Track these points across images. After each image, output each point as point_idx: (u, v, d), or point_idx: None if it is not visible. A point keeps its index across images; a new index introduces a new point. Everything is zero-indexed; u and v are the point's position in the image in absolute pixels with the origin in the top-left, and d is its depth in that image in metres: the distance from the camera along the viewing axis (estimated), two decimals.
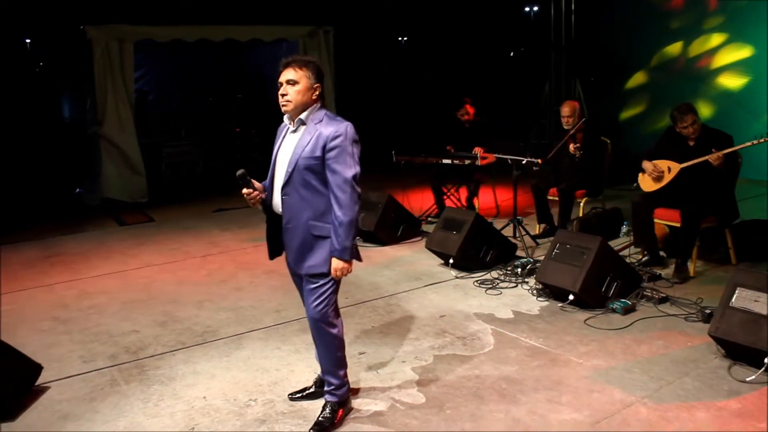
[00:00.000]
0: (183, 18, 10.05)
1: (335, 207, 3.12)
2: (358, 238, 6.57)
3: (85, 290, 5.74)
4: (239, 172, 3.24)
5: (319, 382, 3.62)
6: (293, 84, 3.17)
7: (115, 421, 3.51)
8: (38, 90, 12.76)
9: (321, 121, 3.19)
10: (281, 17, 10.90)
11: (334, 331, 3.34)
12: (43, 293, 5.69)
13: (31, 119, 11.74)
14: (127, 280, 5.98)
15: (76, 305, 5.35)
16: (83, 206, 9.52)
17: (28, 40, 13.54)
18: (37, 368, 3.91)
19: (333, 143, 3.11)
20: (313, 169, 3.15)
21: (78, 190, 10.29)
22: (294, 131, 3.27)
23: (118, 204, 9.35)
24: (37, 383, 3.88)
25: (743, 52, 9.50)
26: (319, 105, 3.26)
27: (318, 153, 3.13)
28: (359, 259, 3.40)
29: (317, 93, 3.22)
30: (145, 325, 4.86)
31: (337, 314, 3.38)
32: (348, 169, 3.12)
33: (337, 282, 3.32)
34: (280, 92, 3.19)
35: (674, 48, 10.39)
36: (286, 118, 3.31)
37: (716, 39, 9.81)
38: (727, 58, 9.68)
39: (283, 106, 3.21)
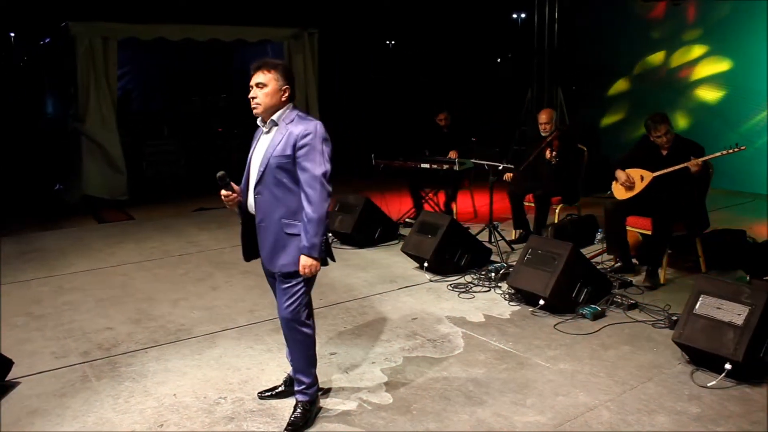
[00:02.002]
0: (167, 17, 10.06)
1: (305, 204, 3.18)
2: (334, 239, 6.57)
3: (61, 287, 5.74)
4: (219, 173, 3.29)
5: (289, 381, 3.66)
6: (262, 87, 3.24)
7: (85, 417, 3.53)
8: (21, 84, 12.72)
9: (292, 121, 3.26)
10: (266, 18, 10.94)
11: (306, 330, 3.38)
12: (18, 289, 5.68)
13: (13, 114, 11.69)
14: (103, 278, 5.99)
15: (51, 301, 5.36)
16: (63, 203, 9.50)
17: (12, 34, 13.48)
18: (8, 363, 3.92)
19: (303, 141, 3.18)
20: (285, 168, 3.21)
21: (58, 186, 10.25)
22: (267, 132, 3.34)
23: (98, 201, 9.34)
24: (7, 378, 3.89)
25: (722, 64, 9.67)
26: (291, 106, 3.32)
27: (289, 152, 3.19)
28: (332, 259, 3.45)
29: (286, 95, 3.28)
30: (120, 322, 4.88)
31: (310, 314, 3.42)
32: (318, 166, 3.17)
33: (309, 282, 3.37)
34: (250, 95, 3.26)
35: (655, 58, 10.54)
36: (259, 120, 3.37)
37: (696, 50, 9.98)
38: (707, 70, 9.85)
39: (254, 108, 3.28)
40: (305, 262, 3.21)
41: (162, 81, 13.30)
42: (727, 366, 3.69)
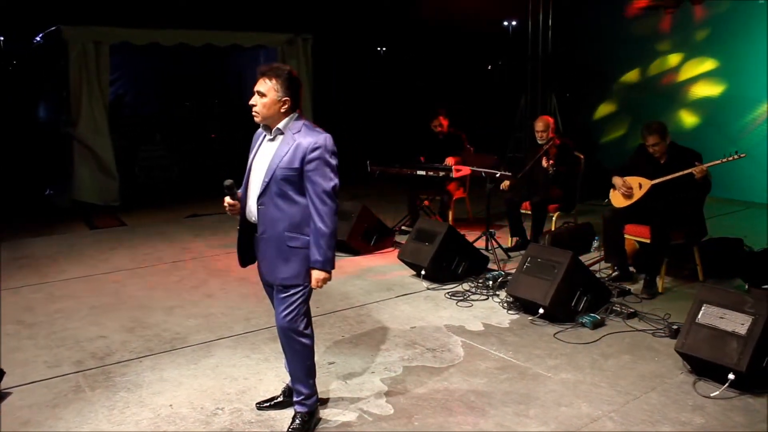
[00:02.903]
0: (161, 21, 9.99)
1: (316, 219, 3.13)
2: None
3: (53, 294, 5.65)
4: (227, 182, 3.23)
5: (288, 392, 3.60)
6: (262, 96, 3.17)
7: (78, 428, 3.45)
8: (11, 88, 12.59)
9: (299, 131, 3.18)
10: (261, 24, 10.89)
11: (304, 340, 3.32)
12: (9, 296, 5.58)
13: (3, 118, 11.57)
14: (96, 285, 5.90)
15: (43, 309, 5.27)
16: (53, 208, 9.39)
17: (2, 38, 13.37)
18: None
19: (312, 155, 3.11)
20: (291, 180, 3.15)
21: (48, 191, 10.13)
22: (271, 140, 3.26)
23: (90, 207, 9.24)
24: None
25: (719, 77, 9.66)
26: (296, 115, 3.24)
27: (296, 164, 3.12)
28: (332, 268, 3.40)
29: (286, 106, 3.19)
30: (113, 330, 4.79)
31: (308, 324, 3.36)
32: (327, 180, 3.13)
33: (308, 291, 3.31)
34: (250, 102, 3.20)
35: (649, 65, 10.54)
36: (263, 126, 3.30)
37: (692, 60, 9.97)
38: (702, 80, 9.85)
39: (253, 116, 3.23)
40: (319, 276, 3.19)
41: (154, 85, 13.21)
42: (731, 376, 3.66)
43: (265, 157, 3.23)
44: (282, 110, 3.19)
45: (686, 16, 9.94)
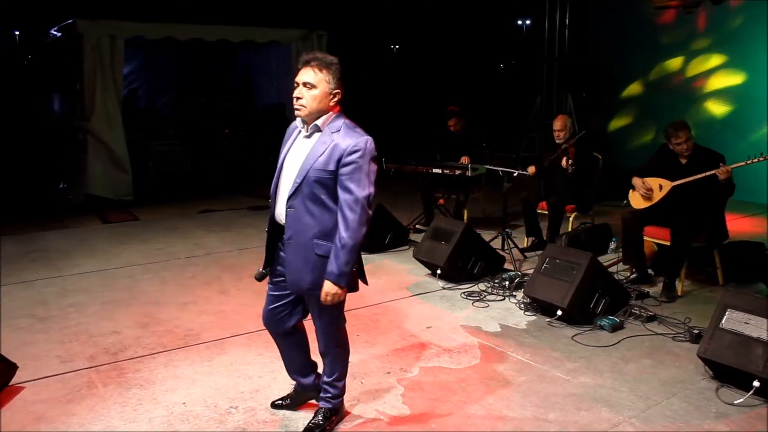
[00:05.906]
0: (176, 16, 9.98)
1: (341, 227, 2.86)
2: None
3: (66, 288, 5.62)
4: (259, 272, 3.21)
5: (295, 395, 3.56)
6: (310, 88, 2.91)
7: (91, 425, 3.41)
8: (26, 83, 12.60)
9: (338, 130, 2.93)
10: (275, 20, 10.85)
11: (342, 347, 3.29)
12: (22, 289, 5.57)
13: (17, 112, 11.58)
14: (109, 279, 5.87)
15: (56, 303, 5.24)
16: (66, 202, 9.39)
17: (17, 32, 13.38)
18: (13, 367, 3.81)
19: (349, 158, 2.86)
20: (324, 183, 2.90)
21: (62, 185, 10.14)
22: (307, 136, 3.02)
23: (103, 201, 9.24)
24: (11, 383, 3.78)
25: (736, 77, 9.54)
26: (338, 111, 3.01)
27: (332, 167, 2.88)
28: (365, 282, 3.24)
29: (336, 99, 2.96)
30: (126, 325, 4.76)
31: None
32: (362, 188, 2.86)
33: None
34: (295, 94, 2.92)
35: (666, 65, 10.44)
36: (298, 120, 3.05)
37: (710, 60, 9.86)
38: (719, 82, 9.74)
39: (297, 110, 2.94)
40: (329, 289, 2.91)
41: (168, 80, 13.19)
42: (756, 383, 3.57)
43: (299, 156, 2.99)
44: (332, 103, 2.96)
45: (701, 18, 9.83)
